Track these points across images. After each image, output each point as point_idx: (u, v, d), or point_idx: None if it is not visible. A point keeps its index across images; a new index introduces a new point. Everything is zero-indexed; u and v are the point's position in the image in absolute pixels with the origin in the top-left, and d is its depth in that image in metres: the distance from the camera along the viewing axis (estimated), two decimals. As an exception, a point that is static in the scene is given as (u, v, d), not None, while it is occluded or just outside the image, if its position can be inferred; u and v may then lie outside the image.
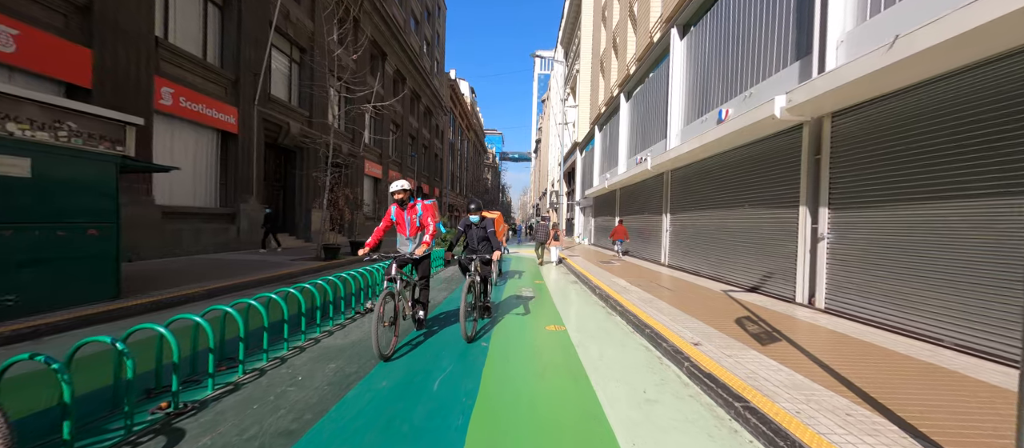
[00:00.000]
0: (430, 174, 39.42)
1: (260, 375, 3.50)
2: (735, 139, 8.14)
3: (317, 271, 9.94)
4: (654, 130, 14.59)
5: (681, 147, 10.18)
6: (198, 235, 11.63)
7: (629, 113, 18.35)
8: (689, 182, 11.10)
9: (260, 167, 14.34)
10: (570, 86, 41.67)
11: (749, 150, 8.20)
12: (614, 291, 7.57)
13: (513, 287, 8.65)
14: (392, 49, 26.80)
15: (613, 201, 20.13)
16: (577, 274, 10.61)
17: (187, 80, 11.30)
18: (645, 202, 15.09)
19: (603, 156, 23.89)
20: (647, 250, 14.50)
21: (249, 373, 3.50)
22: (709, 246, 9.83)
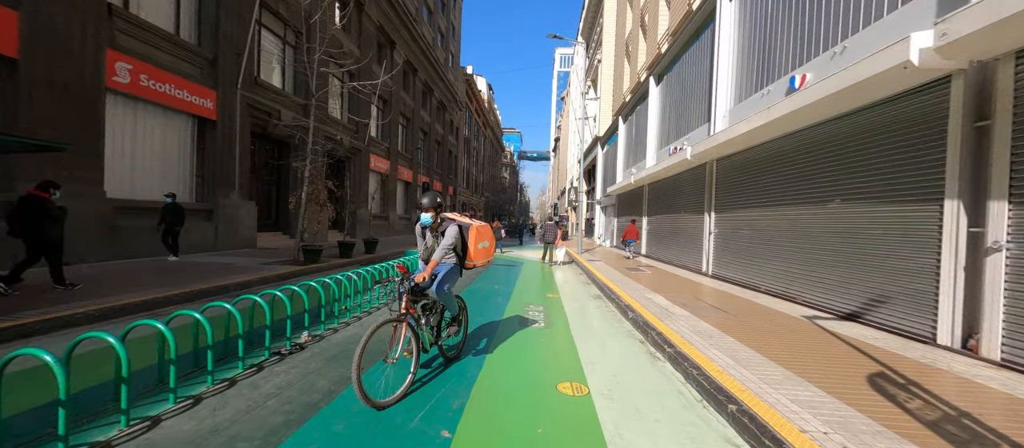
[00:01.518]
0: (444, 171, 37.93)
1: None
2: (823, 110, 5.97)
3: (278, 280, 8.28)
4: (693, 114, 12.37)
5: (734, 129, 8.02)
6: (165, 233, 10.20)
7: (660, 98, 16.11)
8: (744, 172, 8.90)
9: (245, 158, 12.92)
10: (591, 78, 39.38)
11: (845, 124, 6.00)
12: (652, 315, 5.54)
13: (517, 305, 6.72)
14: (401, 37, 25.32)
15: (639, 199, 17.92)
16: (599, 284, 8.60)
17: (151, 56, 9.89)
18: (680, 199, 12.87)
19: (628, 149, 21.65)
20: (683, 255, 12.29)
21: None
22: (773, 254, 7.64)
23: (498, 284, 8.88)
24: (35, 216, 5.36)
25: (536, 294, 7.84)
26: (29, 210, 5.35)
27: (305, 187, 9.65)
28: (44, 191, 5.51)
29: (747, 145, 8.41)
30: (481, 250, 3.74)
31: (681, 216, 12.75)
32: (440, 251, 3.32)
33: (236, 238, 12.36)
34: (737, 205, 9.12)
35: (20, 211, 5.33)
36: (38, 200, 5.41)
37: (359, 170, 20.45)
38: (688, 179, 12.14)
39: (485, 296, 7.32)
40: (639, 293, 7.46)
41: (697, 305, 6.41)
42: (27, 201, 5.37)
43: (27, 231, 5.35)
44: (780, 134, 7.35)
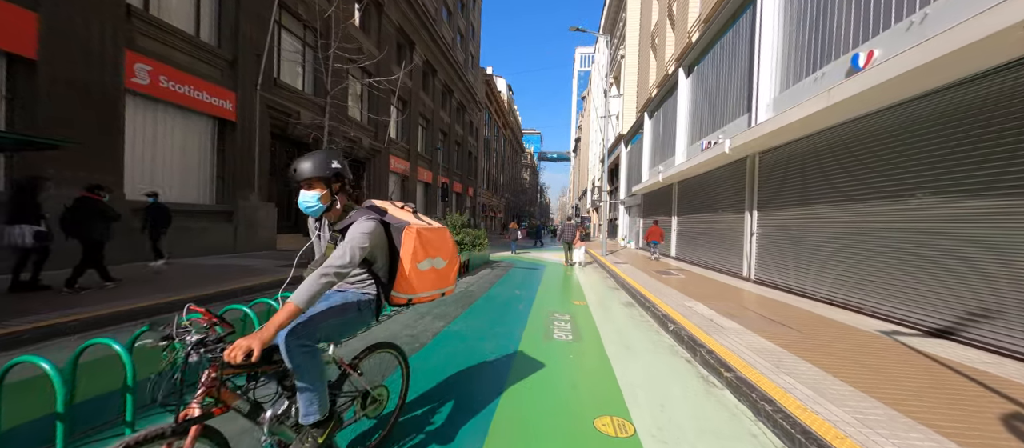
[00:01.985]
0: (463, 172, 37.72)
1: None
2: (899, 89, 5.11)
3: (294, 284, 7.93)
4: (730, 105, 11.43)
5: (782, 117, 7.15)
6: (186, 236, 10.15)
7: (690, 90, 15.15)
8: (794, 166, 7.99)
9: (265, 159, 12.85)
10: (614, 75, 38.30)
11: (929, 105, 5.12)
12: (698, 327, 4.81)
13: (541, 313, 6.11)
14: (421, 38, 25.17)
15: (667, 198, 16.95)
16: (629, 289, 7.87)
17: (171, 57, 9.85)
18: (715, 197, 11.93)
19: (654, 146, 20.66)
20: (719, 258, 11.35)
21: None
22: (833, 257, 6.73)
23: (519, 289, 8.29)
24: (88, 217, 5.64)
25: (561, 301, 7.20)
26: (82, 212, 5.61)
27: (320, 187, 9.33)
28: (95, 193, 5.83)
29: (799, 135, 7.51)
30: (427, 275, 2.04)
31: (716, 215, 11.81)
32: (317, 276, 1.66)
33: (255, 240, 12.28)
34: (786, 202, 8.20)
35: (74, 213, 5.58)
36: (91, 202, 5.72)
37: (378, 171, 20.33)
38: (724, 175, 11.21)
39: (505, 303, 6.74)
40: (676, 300, 6.71)
41: (747, 316, 5.62)
42: (81, 203, 5.66)
43: (81, 232, 5.62)
44: (841, 120, 6.45)
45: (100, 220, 5.76)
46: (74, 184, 7.76)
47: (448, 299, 6.79)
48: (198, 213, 10.76)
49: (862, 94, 5.43)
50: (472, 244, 10.73)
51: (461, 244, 10.42)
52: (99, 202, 5.79)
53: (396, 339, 4.36)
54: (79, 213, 5.59)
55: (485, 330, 4.90)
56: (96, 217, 5.71)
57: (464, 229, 10.79)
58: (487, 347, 4.22)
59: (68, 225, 5.55)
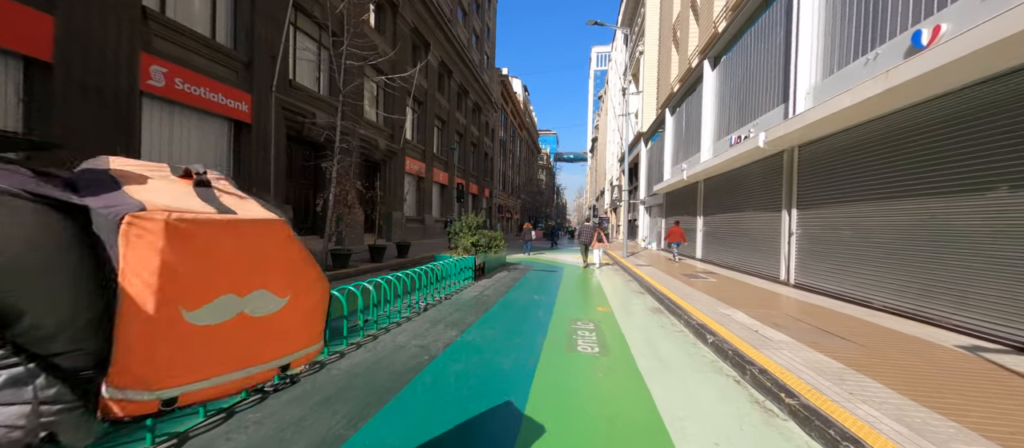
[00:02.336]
0: (479, 173, 37.50)
1: None
2: (978, 66, 4.43)
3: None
4: (763, 96, 10.68)
5: (829, 106, 6.46)
6: (200, 238, 10.11)
7: (716, 84, 14.38)
8: (841, 158, 7.27)
9: (281, 161, 12.81)
10: (632, 73, 37.42)
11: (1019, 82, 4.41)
12: (742, 340, 4.24)
13: (562, 321, 5.63)
14: (436, 39, 25.04)
15: (692, 197, 16.16)
16: (656, 293, 7.29)
17: (187, 60, 9.84)
18: (746, 195, 11.18)
19: (677, 143, 19.85)
20: (752, 260, 10.60)
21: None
22: (895, 260, 6.02)
23: (537, 293, 7.83)
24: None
25: (583, 306, 6.70)
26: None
27: (332, 188, 9.13)
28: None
29: (847, 124, 6.80)
30: (218, 334, 0.90)
31: (747, 215, 11.05)
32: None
33: (271, 242, 12.21)
34: (832, 199, 7.46)
35: None
36: None
37: (394, 172, 20.22)
38: (757, 171, 10.46)
39: (523, 309, 6.29)
40: (710, 307, 6.11)
41: (796, 326, 5.00)
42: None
43: None
44: (902, 106, 5.74)
45: None
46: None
47: (463, 304, 6.40)
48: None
49: (929, 74, 4.76)
50: (488, 246, 10.33)
51: (476, 246, 10.04)
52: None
53: (404, 350, 3.97)
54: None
55: (502, 341, 4.46)
56: None
57: (480, 230, 10.40)
58: (504, 362, 3.78)
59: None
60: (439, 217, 27.57)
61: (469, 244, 9.31)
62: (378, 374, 3.32)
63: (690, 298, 6.91)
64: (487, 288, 8.20)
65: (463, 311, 5.86)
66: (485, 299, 6.95)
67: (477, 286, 8.38)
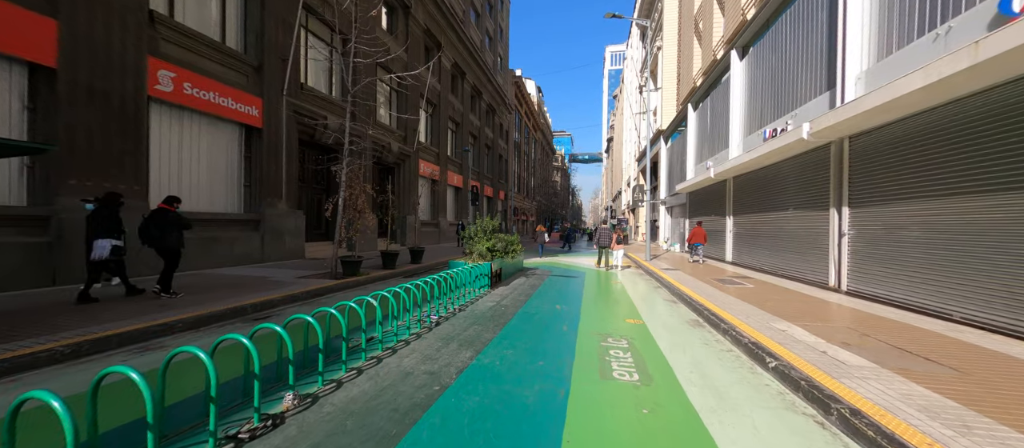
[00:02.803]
0: (494, 176, 37.07)
1: None
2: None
3: (307, 298, 7.30)
4: (801, 85, 9.80)
5: (894, 88, 5.64)
6: (211, 246, 9.89)
7: (746, 74, 13.48)
8: (906, 149, 6.41)
9: (293, 166, 12.56)
10: (649, 69, 36.33)
11: None
12: (813, 366, 3.53)
13: (590, 337, 5.00)
14: (448, 40, 24.72)
15: (719, 195, 15.24)
16: (692, 303, 6.57)
17: (196, 64, 9.64)
18: (783, 192, 10.29)
19: (701, 140, 18.89)
20: (793, 263, 9.71)
21: None
22: (986, 264, 5.16)
23: (560, 303, 7.20)
24: (164, 226, 6.05)
25: (611, 318, 6.05)
26: (158, 221, 6.04)
27: (341, 192, 8.73)
28: (170, 205, 6.29)
29: (914, 109, 5.96)
30: None
31: (786, 214, 10.16)
32: None
33: (283, 249, 11.96)
34: (894, 195, 6.60)
35: (150, 222, 6.02)
36: (167, 213, 6.16)
37: (408, 176, 19.91)
38: (796, 167, 9.58)
39: (545, 323, 5.68)
40: (758, 319, 5.38)
41: (870, 345, 4.24)
42: (156, 214, 6.11)
43: (157, 240, 6.01)
44: (985, 86, 4.91)
45: (175, 229, 6.16)
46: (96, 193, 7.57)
47: (479, 317, 5.83)
48: (225, 222, 10.49)
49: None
50: (504, 250, 9.76)
51: (493, 250, 9.49)
52: (174, 213, 6.21)
53: (410, 378, 3.42)
54: (156, 223, 6.00)
55: (524, 365, 3.87)
56: (172, 226, 6.11)
57: (496, 234, 9.84)
58: (528, 395, 3.19)
59: (146, 234, 5.99)
60: (454, 220, 27.20)
61: (484, 249, 8.76)
62: (377, 412, 2.78)
63: (730, 308, 6.17)
64: (505, 297, 7.62)
65: (479, 326, 5.30)
66: (503, 310, 6.37)
67: (494, 295, 7.81)
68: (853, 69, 7.62)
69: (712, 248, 16.25)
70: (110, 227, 5.69)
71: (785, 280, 9.50)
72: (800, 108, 9.68)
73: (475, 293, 7.76)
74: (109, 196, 5.87)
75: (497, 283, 9.17)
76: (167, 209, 6.19)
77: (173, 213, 6.19)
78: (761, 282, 9.23)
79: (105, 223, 5.63)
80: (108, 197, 5.85)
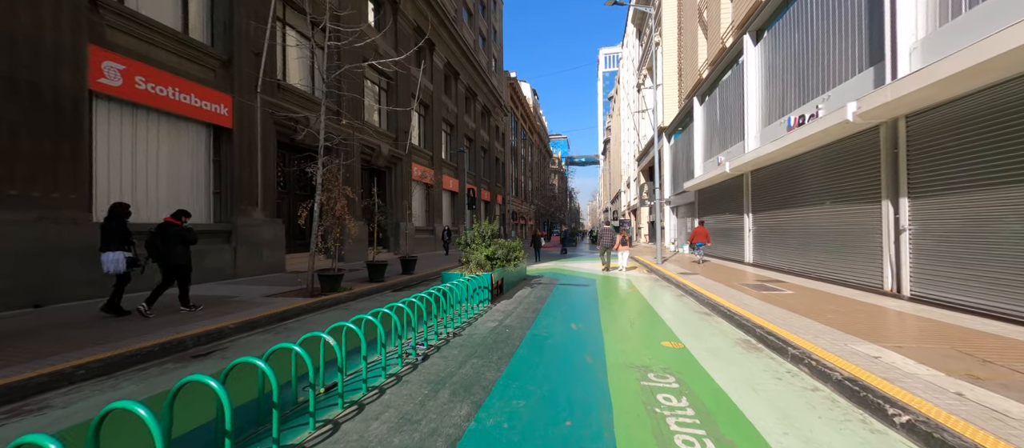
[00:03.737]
0: (491, 179, 35.98)
1: None
2: None
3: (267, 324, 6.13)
4: (833, 64, 8.76)
5: (989, 45, 4.57)
6: (172, 261, 8.67)
7: (762, 59, 12.47)
8: (984, 127, 5.35)
9: (270, 171, 11.41)
10: (647, 66, 35.48)
11: None
12: (972, 426, 2.40)
13: (623, 371, 3.85)
14: (440, 39, 23.71)
15: (735, 192, 14.18)
16: (733, 317, 5.44)
17: (151, 56, 8.50)
18: (818, 185, 9.21)
19: (710, 134, 17.87)
20: (834, 266, 8.62)
21: None
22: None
23: (575, 320, 6.05)
24: (169, 241, 5.82)
25: (643, 341, 4.90)
26: (165, 236, 5.82)
27: (317, 195, 7.58)
28: (178, 219, 6.08)
29: (997, 78, 4.89)
30: None
31: (822, 209, 9.08)
32: None
33: (259, 262, 10.75)
34: (970, 182, 5.52)
35: (157, 237, 5.82)
36: (174, 227, 5.92)
37: (400, 180, 18.77)
38: (833, 155, 8.52)
39: (562, 351, 4.54)
40: (833, 341, 4.25)
41: (1013, 380, 3.12)
42: (163, 228, 5.88)
43: (163, 256, 5.81)
44: None
45: (180, 244, 5.92)
46: (26, 203, 6.40)
47: (478, 344, 4.67)
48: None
49: None
50: (506, 258, 8.62)
51: (493, 259, 8.34)
52: (179, 227, 5.99)
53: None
54: (162, 237, 5.81)
55: (544, 427, 2.72)
56: (177, 241, 5.87)
57: (495, 240, 8.70)
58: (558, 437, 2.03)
59: (152, 249, 5.80)
60: (451, 226, 26.03)
61: (483, 258, 7.62)
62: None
63: (785, 323, 5.05)
64: (508, 314, 6.46)
65: (479, 358, 4.14)
66: (507, 333, 5.21)
67: (496, 311, 6.65)
68: (906, 39, 6.57)
69: (727, 248, 15.16)
70: (120, 239, 5.47)
71: (826, 284, 8.40)
72: (834, 90, 8.63)
73: (474, 309, 6.60)
74: (116, 207, 5.64)
75: (499, 296, 8.02)
76: (172, 223, 5.96)
77: (178, 227, 5.96)
78: (798, 287, 8.12)
79: (115, 235, 5.43)
80: (115, 208, 5.62)
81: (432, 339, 4.82)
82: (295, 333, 5.27)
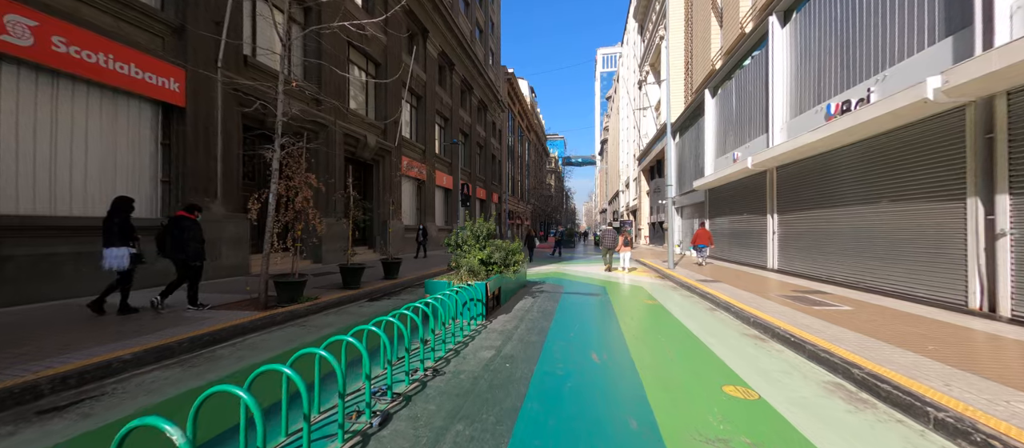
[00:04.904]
0: (487, 177, 34.58)
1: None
2: None
3: (190, 357, 4.70)
4: (890, 41, 7.47)
5: None
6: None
7: (792, 43, 11.19)
8: None
9: (232, 159, 9.93)
10: (650, 63, 34.27)
11: None
12: None
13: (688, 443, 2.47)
14: (435, 25, 22.26)
15: (756, 190, 12.91)
16: (814, 351, 4.10)
17: (77, 15, 7.01)
18: (866, 180, 7.94)
19: (724, 129, 16.60)
20: (894, 277, 7.33)
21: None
22: None
23: (596, 348, 4.68)
24: (181, 236, 5.59)
25: (696, 384, 3.55)
26: (174, 231, 5.60)
27: (272, 184, 6.15)
28: (190, 213, 5.87)
29: None
30: None
31: (877, 208, 7.80)
32: None
33: (217, 264, 9.26)
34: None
35: (167, 232, 5.64)
36: (186, 221, 5.70)
37: (388, 175, 17.30)
38: (890, 144, 7.24)
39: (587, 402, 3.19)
40: (981, 393, 2.93)
41: None
42: (175, 223, 5.68)
43: (174, 251, 5.61)
44: None
45: (193, 240, 5.70)
46: None
47: (467, 390, 3.30)
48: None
49: None
50: (504, 263, 7.24)
51: (489, 263, 6.96)
52: (192, 221, 5.77)
53: None
54: (172, 232, 5.61)
55: None
56: (189, 236, 5.65)
57: (491, 241, 7.31)
58: None
59: (162, 245, 5.64)
60: (443, 225, 24.58)
61: (477, 263, 6.22)
62: None
63: (887, 360, 3.73)
64: (508, 336, 5.08)
65: (467, 424, 2.76)
66: (508, 371, 3.82)
67: (492, 332, 5.26)
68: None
69: (744, 252, 13.90)
70: (123, 234, 5.20)
71: (884, 298, 7.11)
72: (891, 68, 7.35)
73: (465, 326, 5.22)
74: (119, 201, 5.34)
75: (495, 308, 6.64)
76: (185, 217, 5.77)
77: (191, 221, 5.76)
78: (855, 302, 6.82)
79: (118, 230, 5.16)
80: (118, 202, 5.33)
81: (404, 377, 3.43)
82: (221, 365, 3.86)
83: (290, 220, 6.46)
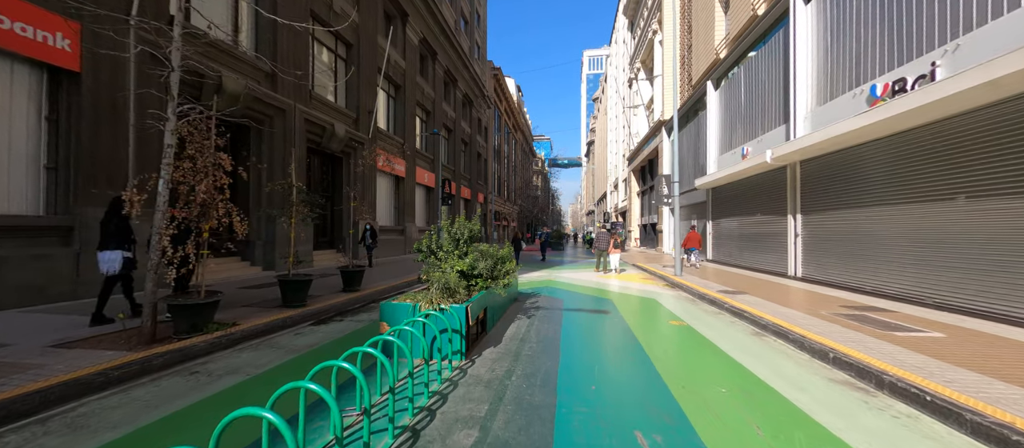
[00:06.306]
0: (471, 175, 32.82)
1: None
2: None
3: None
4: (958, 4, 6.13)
5: None
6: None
7: (816, 22, 9.87)
8: None
9: (141, 140, 7.94)
10: (641, 59, 33.15)
11: None
12: None
13: None
14: (415, 9, 20.45)
15: (774, 189, 11.58)
16: (961, 414, 2.57)
17: None
18: (932, 177, 6.58)
19: (730, 123, 15.32)
20: (976, 290, 5.96)
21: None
22: None
23: (632, 416, 3.07)
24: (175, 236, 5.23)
25: None
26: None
27: (161, 169, 4.33)
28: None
29: None
30: None
31: (947, 207, 6.44)
32: None
33: (126, 274, 7.24)
34: None
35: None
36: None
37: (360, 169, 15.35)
38: (968, 128, 5.88)
39: None
40: None
41: None
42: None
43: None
44: None
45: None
46: None
47: None
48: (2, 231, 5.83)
49: None
50: (492, 274, 5.56)
51: (471, 277, 5.26)
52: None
53: None
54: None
55: None
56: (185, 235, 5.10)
57: (475, 247, 5.62)
58: None
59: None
60: (424, 226, 22.68)
61: (455, 277, 4.53)
62: None
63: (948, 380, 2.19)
64: (498, 395, 3.41)
65: None
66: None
67: (472, 383, 3.58)
68: None
69: (756, 257, 12.58)
70: (119, 237, 4.89)
71: (972, 319, 5.72)
72: (965, 36, 6.00)
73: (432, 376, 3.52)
74: (115, 202, 4.93)
75: (479, 337, 4.95)
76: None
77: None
78: (944, 326, 5.41)
79: (115, 233, 4.85)
80: (114, 203, 4.93)
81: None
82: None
83: (186, 220, 4.64)
